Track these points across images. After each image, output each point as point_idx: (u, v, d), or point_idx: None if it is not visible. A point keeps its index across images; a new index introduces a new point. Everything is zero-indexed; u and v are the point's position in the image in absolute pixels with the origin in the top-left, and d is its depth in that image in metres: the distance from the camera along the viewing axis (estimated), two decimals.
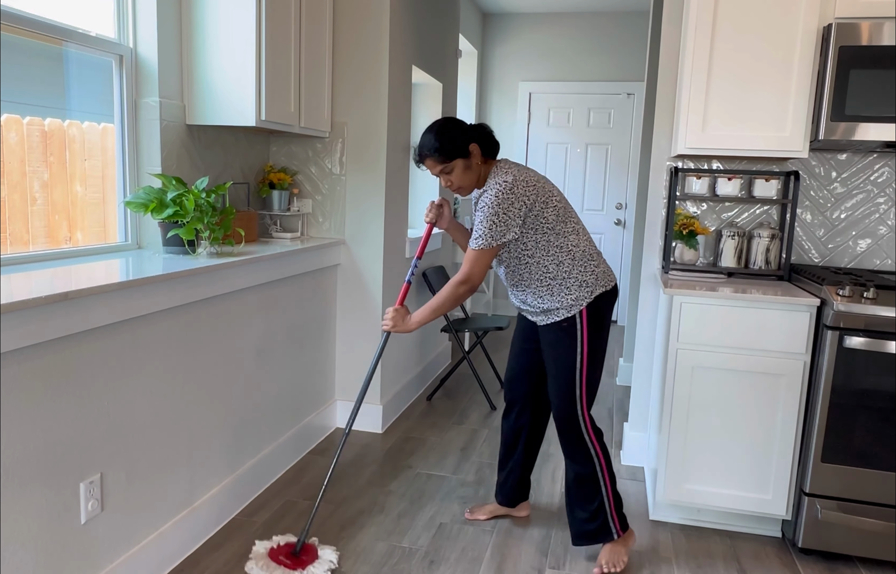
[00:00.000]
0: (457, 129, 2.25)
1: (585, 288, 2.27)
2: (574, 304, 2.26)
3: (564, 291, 2.27)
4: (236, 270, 2.48)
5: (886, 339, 2.30)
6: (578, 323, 2.27)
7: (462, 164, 2.25)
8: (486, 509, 2.70)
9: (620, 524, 2.38)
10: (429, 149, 2.25)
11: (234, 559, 2.34)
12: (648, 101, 4.33)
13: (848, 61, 2.42)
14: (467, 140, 2.24)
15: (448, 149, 2.23)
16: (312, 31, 3.05)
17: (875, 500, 2.38)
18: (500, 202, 2.17)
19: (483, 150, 2.28)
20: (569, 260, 2.26)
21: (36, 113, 2.15)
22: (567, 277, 2.26)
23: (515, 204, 2.17)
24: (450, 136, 2.23)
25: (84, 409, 1.85)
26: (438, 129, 2.25)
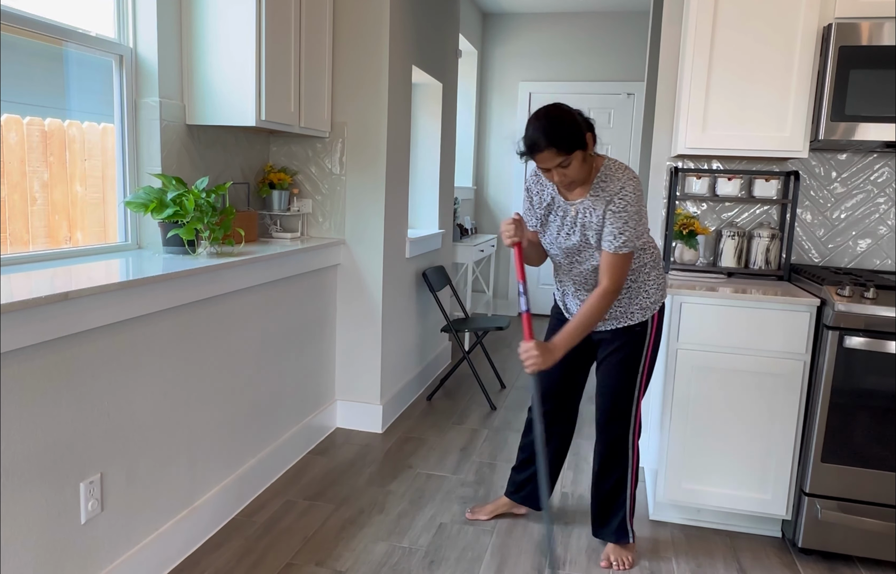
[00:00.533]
0: (573, 118, 2.03)
1: (660, 291, 2.26)
2: (650, 308, 2.25)
3: (643, 295, 2.23)
4: (236, 270, 2.48)
5: (886, 339, 2.30)
6: (650, 327, 2.26)
7: (581, 156, 2.04)
8: (487, 509, 2.70)
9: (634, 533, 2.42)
10: (548, 140, 1.99)
11: (234, 559, 2.34)
12: (648, 101, 4.32)
13: (848, 61, 2.42)
14: (583, 129, 2.04)
15: (569, 140, 2.00)
16: (312, 31, 3.05)
17: (875, 500, 2.38)
18: (638, 200, 2.07)
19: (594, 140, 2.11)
20: (651, 261, 2.23)
21: (36, 113, 2.15)
22: (647, 280, 2.23)
23: (643, 202, 2.11)
24: (569, 126, 2.00)
25: (84, 409, 1.85)
26: (556, 119, 2.00)
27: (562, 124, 2.00)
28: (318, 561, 2.35)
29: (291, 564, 2.32)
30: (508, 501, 2.69)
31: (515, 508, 2.70)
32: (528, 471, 2.60)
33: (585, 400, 4.22)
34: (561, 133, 1.99)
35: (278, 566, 2.31)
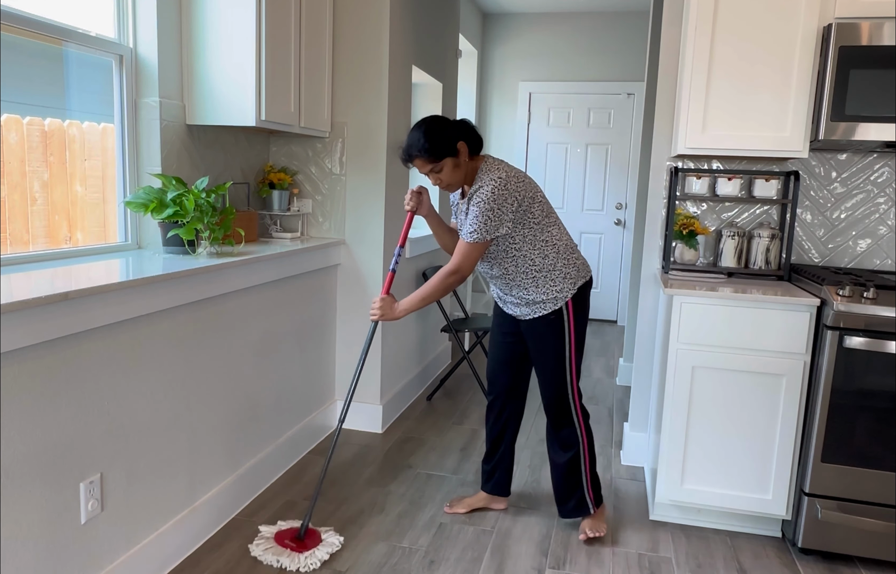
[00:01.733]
0: (444, 128, 2.27)
1: (569, 280, 2.39)
2: (559, 296, 2.39)
3: (550, 283, 2.38)
4: (236, 270, 2.48)
5: (886, 339, 2.30)
6: (565, 314, 2.41)
7: (451, 163, 2.28)
8: (466, 502, 2.74)
9: (595, 500, 2.58)
10: (418, 149, 2.26)
11: (234, 559, 2.34)
12: (648, 101, 4.32)
13: (848, 61, 2.42)
14: (455, 138, 2.27)
15: (437, 148, 2.24)
16: (312, 31, 3.05)
17: (875, 500, 2.38)
18: (495, 198, 2.24)
19: (469, 147, 2.32)
20: (553, 253, 2.36)
21: (36, 113, 2.15)
22: (552, 270, 2.36)
23: (508, 199, 2.26)
24: (438, 136, 2.24)
25: (84, 409, 1.85)
26: (427, 129, 2.26)
27: (433, 134, 2.24)
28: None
29: None
30: (486, 495, 2.75)
31: (494, 502, 2.75)
32: (495, 458, 2.71)
33: (585, 399, 4.22)
34: (430, 143, 2.24)
35: None
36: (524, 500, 2.86)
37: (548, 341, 2.43)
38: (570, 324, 2.41)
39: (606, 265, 6.53)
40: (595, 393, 4.39)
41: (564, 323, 2.41)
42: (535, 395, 4.27)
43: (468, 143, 2.31)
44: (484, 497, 2.75)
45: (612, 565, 2.41)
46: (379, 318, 2.42)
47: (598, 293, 6.60)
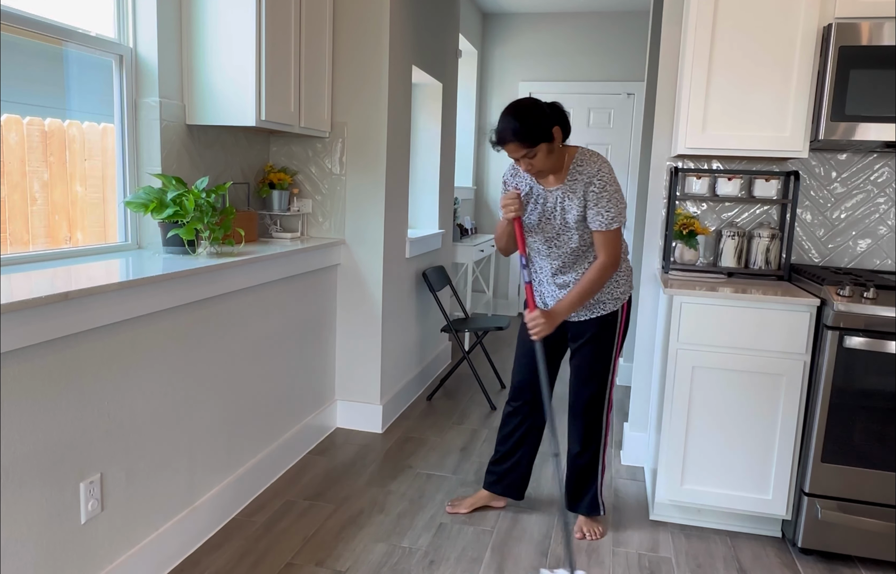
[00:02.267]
0: (540, 112, 2.17)
1: (628, 282, 2.44)
2: (621, 298, 2.42)
3: (614, 285, 2.39)
4: (236, 270, 2.48)
5: (886, 339, 2.30)
6: (619, 315, 2.44)
7: (546, 148, 2.19)
8: (467, 502, 2.74)
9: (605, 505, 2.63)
10: (512, 132, 2.15)
11: (234, 559, 2.34)
12: (648, 101, 4.32)
13: (848, 61, 2.42)
14: (551, 123, 2.18)
15: (533, 133, 2.14)
16: (312, 31, 3.05)
17: (875, 500, 2.38)
18: (614, 180, 2.25)
19: (564, 132, 2.25)
20: (623, 252, 2.38)
21: (36, 113, 2.15)
22: (618, 272, 2.38)
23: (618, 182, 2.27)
24: (534, 120, 2.15)
25: (84, 409, 1.85)
26: (523, 112, 2.16)
27: (527, 118, 2.15)
28: (318, 561, 2.35)
29: (291, 564, 2.32)
30: (488, 494, 2.75)
31: (494, 501, 2.76)
32: (509, 462, 2.69)
33: None
34: (526, 127, 2.14)
35: (278, 566, 2.31)
36: (524, 499, 2.86)
37: (602, 341, 2.43)
38: (622, 325, 2.45)
39: None
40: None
41: (618, 324, 2.44)
42: None
43: (562, 129, 2.24)
44: (486, 495, 2.74)
45: (612, 565, 2.41)
46: (546, 332, 2.31)
47: None
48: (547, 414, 2.39)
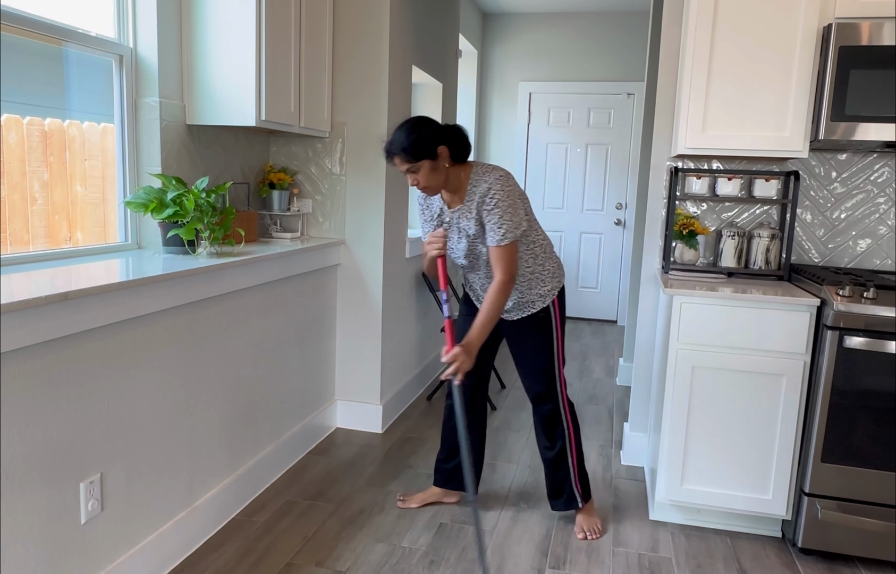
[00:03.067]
0: (427, 130, 2.24)
1: (555, 278, 2.47)
2: (548, 295, 2.46)
3: (540, 283, 2.44)
4: (236, 270, 2.48)
5: (886, 339, 2.30)
6: (552, 311, 2.48)
7: (429, 166, 2.25)
8: (418, 497, 2.77)
9: (583, 494, 2.61)
10: (397, 147, 2.24)
11: (234, 559, 2.34)
12: (648, 101, 4.33)
13: (848, 61, 2.42)
14: (436, 142, 2.24)
15: (416, 149, 2.22)
16: (312, 31, 3.05)
17: (875, 500, 2.38)
18: (508, 194, 2.27)
19: (453, 153, 2.29)
20: (542, 253, 2.44)
21: (36, 113, 2.15)
22: (542, 269, 2.43)
23: (516, 193, 2.30)
24: (419, 137, 2.22)
25: (84, 409, 1.85)
26: (409, 129, 2.24)
27: (412, 135, 2.22)
28: (318, 561, 2.35)
29: (291, 564, 2.32)
30: (440, 490, 2.78)
31: (447, 496, 2.78)
32: (456, 458, 2.72)
33: (585, 399, 4.22)
34: (409, 142, 2.21)
35: (278, 566, 2.31)
36: (524, 499, 2.86)
37: (538, 339, 2.48)
38: (557, 319, 2.49)
39: (606, 265, 6.54)
40: (595, 393, 4.39)
41: (552, 319, 2.48)
42: None
43: (451, 149, 2.28)
44: (438, 491, 2.77)
45: (612, 565, 2.41)
46: (465, 368, 2.29)
47: (597, 293, 6.60)
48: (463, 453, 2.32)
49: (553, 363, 2.51)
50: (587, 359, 5.23)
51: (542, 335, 2.48)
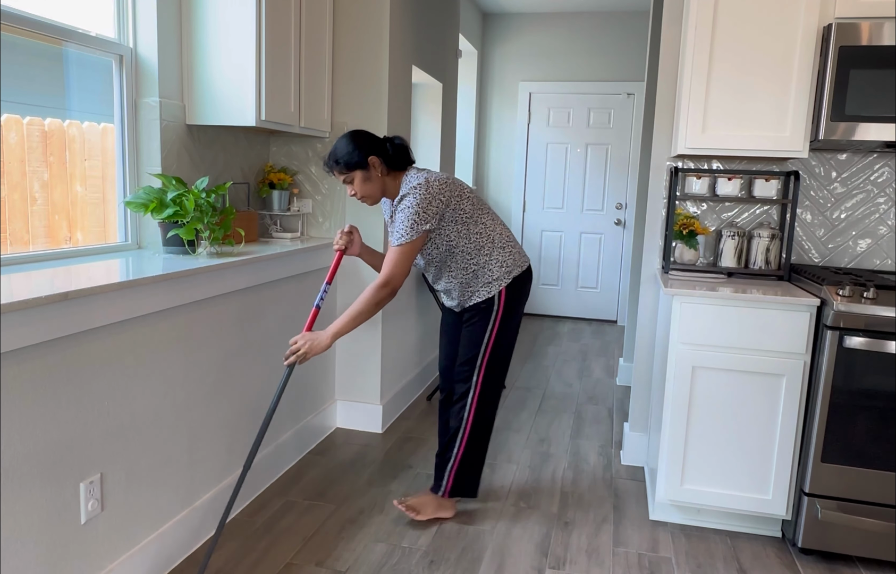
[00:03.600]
0: (358, 141, 2.37)
1: (503, 269, 2.48)
2: (494, 284, 2.48)
3: (487, 272, 2.47)
4: (236, 270, 2.48)
5: (886, 339, 2.30)
6: (496, 303, 2.49)
7: (361, 176, 2.38)
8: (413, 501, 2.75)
9: (451, 489, 2.60)
10: (332, 159, 2.39)
11: (234, 559, 2.34)
12: (648, 101, 4.32)
13: (848, 61, 2.42)
14: (367, 152, 2.37)
15: (347, 161, 2.36)
16: (312, 31, 3.05)
17: (875, 500, 2.38)
18: (418, 202, 2.33)
19: (388, 162, 2.41)
20: (489, 244, 2.47)
21: (36, 113, 2.15)
22: (489, 259, 2.47)
23: (433, 202, 2.35)
24: (350, 149, 2.36)
25: (84, 409, 1.85)
26: (343, 141, 2.39)
27: (345, 147, 2.37)
28: (318, 561, 2.35)
29: (291, 564, 2.32)
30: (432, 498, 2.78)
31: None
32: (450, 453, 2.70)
33: (585, 399, 4.23)
34: (341, 154, 2.37)
35: (278, 566, 2.31)
36: (524, 499, 2.86)
37: (474, 327, 2.52)
38: (499, 314, 2.49)
39: (606, 265, 6.54)
40: (595, 393, 4.39)
41: (493, 312, 2.49)
42: (533, 394, 4.27)
43: (384, 159, 2.40)
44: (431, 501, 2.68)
45: (612, 565, 2.41)
46: (299, 359, 2.32)
47: (597, 293, 6.60)
48: (262, 425, 2.31)
49: (477, 354, 2.52)
50: (587, 359, 5.23)
51: (478, 327, 2.51)
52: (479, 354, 2.52)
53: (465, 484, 2.62)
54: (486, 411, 2.58)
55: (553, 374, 4.78)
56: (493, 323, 2.50)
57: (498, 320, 2.50)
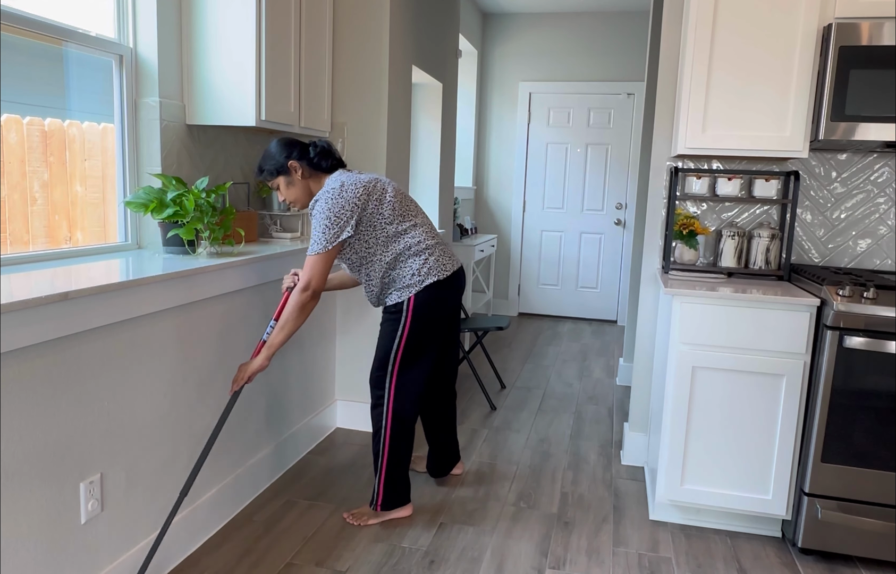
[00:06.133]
0: (279, 148, 2.46)
1: (417, 278, 2.46)
2: (404, 290, 2.47)
3: (399, 280, 2.48)
4: (236, 270, 2.48)
5: (886, 339, 2.30)
6: (405, 310, 2.47)
7: (284, 181, 2.47)
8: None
9: (383, 502, 2.60)
10: (257, 168, 2.50)
11: (235, 559, 2.34)
12: (648, 101, 4.32)
13: (848, 61, 2.42)
14: (287, 157, 2.44)
15: (268, 168, 2.46)
16: (312, 31, 3.05)
17: (875, 500, 2.38)
18: (330, 207, 2.34)
19: (312, 165, 2.46)
20: (408, 252, 2.46)
21: (36, 113, 2.15)
22: (403, 267, 2.46)
23: (347, 207, 2.35)
24: (270, 155, 2.46)
25: (84, 409, 1.85)
26: (266, 150, 2.48)
27: (266, 155, 2.48)
28: (318, 561, 2.35)
29: (291, 564, 2.32)
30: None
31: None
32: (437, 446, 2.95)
33: (585, 399, 4.23)
34: (263, 163, 2.48)
35: (278, 566, 2.31)
36: (524, 499, 2.86)
37: (385, 332, 2.52)
38: (407, 322, 2.47)
39: (606, 265, 6.54)
40: (595, 393, 4.39)
41: (402, 317, 2.48)
42: (533, 394, 4.27)
43: (307, 162, 2.45)
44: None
45: (612, 565, 2.41)
46: (241, 382, 2.34)
47: (597, 293, 6.60)
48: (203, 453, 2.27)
49: (388, 358, 2.51)
50: (587, 359, 5.23)
51: (389, 330, 2.51)
52: (391, 361, 2.51)
53: (391, 492, 2.60)
54: (403, 418, 2.55)
55: (553, 374, 4.78)
56: (403, 329, 2.48)
57: (407, 327, 2.47)
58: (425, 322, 2.48)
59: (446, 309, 2.52)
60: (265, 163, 2.47)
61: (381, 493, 2.59)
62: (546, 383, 4.55)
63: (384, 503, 2.60)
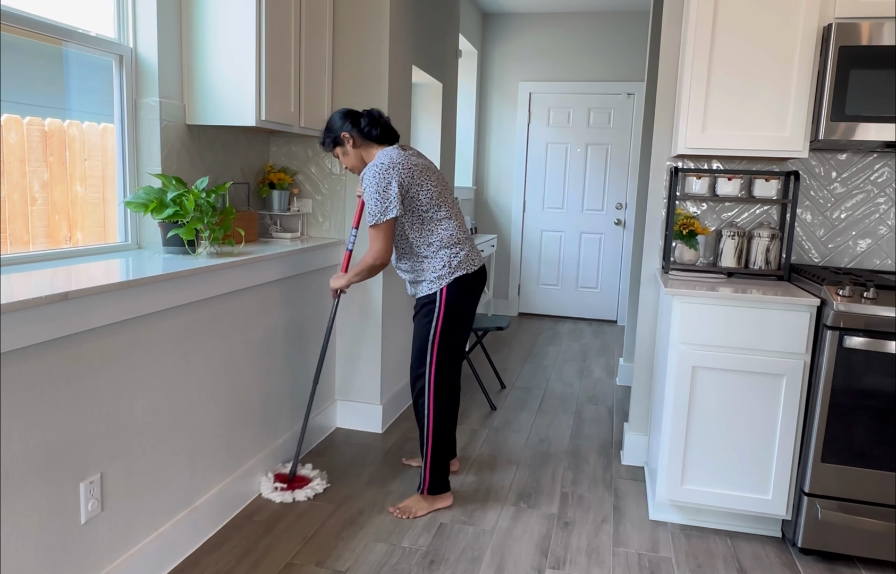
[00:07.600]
0: (333, 119, 2.64)
1: (447, 268, 2.58)
2: (435, 282, 2.58)
3: (430, 270, 2.59)
4: (236, 270, 2.48)
5: (886, 339, 2.30)
6: (438, 300, 2.59)
7: (340, 151, 2.65)
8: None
9: (430, 486, 2.70)
10: (320, 141, 2.71)
11: (234, 559, 2.34)
12: (648, 101, 4.32)
13: (848, 61, 2.42)
14: (340, 129, 2.61)
15: (324, 139, 2.66)
16: (312, 31, 3.05)
17: (875, 500, 2.38)
18: (377, 182, 2.46)
19: (362, 134, 2.59)
20: (438, 242, 2.57)
21: (36, 113, 2.15)
22: (434, 257, 2.58)
23: (392, 184, 2.46)
24: (328, 128, 2.65)
25: (84, 409, 1.85)
26: (327, 122, 2.67)
27: (326, 126, 2.67)
28: (318, 561, 2.35)
29: (291, 564, 2.32)
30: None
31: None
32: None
33: (585, 399, 4.23)
34: (324, 134, 2.66)
35: (278, 566, 2.31)
36: (524, 499, 2.86)
37: (421, 320, 2.64)
38: (441, 309, 2.58)
39: (606, 265, 6.54)
40: (595, 393, 4.39)
41: (435, 307, 2.59)
42: (533, 394, 4.27)
43: (357, 132, 2.59)
44: None
45: (612, 565, 2.41)
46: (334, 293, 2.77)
47: (597, 293, 6.60)
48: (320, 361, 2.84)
49: (426, 348, 2.62)
50: (587, 359, 5.23)
51: (424, 320, 2.62)
52: (429, 350, 2.62)
53: (438, 479, 2.71)
54: (441, 406, 2.67)
55: (553, 374, 4.78)
56: (437, 319, 2.59)
57: (441, 316, 2.59)
58: (456, 309, 2.61)
59: (473, 298, 2.65)
60: (325, 135, 2.65)
61: (430, 478, 2.69)
62: (546, 383, 4.55)
63: (430, 487, 2.70)
